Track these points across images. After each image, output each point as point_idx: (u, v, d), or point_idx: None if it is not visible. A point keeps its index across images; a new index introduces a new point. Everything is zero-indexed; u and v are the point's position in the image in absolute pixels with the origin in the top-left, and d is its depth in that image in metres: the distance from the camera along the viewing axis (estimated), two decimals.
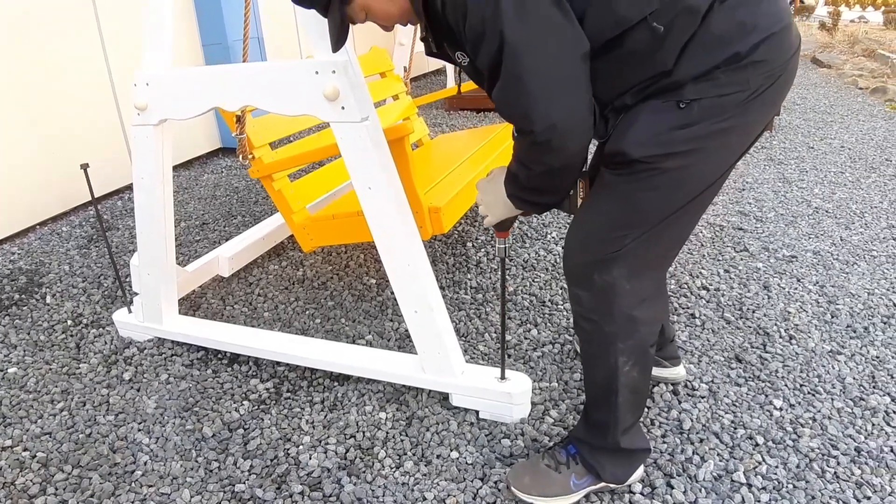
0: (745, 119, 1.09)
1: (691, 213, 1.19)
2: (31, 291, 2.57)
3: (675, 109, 1.06)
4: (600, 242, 1.18)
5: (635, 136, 1.08)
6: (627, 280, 1.18)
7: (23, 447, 1.69)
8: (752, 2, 1.04)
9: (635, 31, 1.03)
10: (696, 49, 1.03)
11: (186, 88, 1.68)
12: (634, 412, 1.32)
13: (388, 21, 1.19)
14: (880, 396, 1.71)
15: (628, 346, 1.23)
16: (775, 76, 1.07)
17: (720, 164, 1.14)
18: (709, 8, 1.02)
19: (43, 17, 3.23)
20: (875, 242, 2.69)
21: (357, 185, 1.51)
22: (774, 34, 1.04)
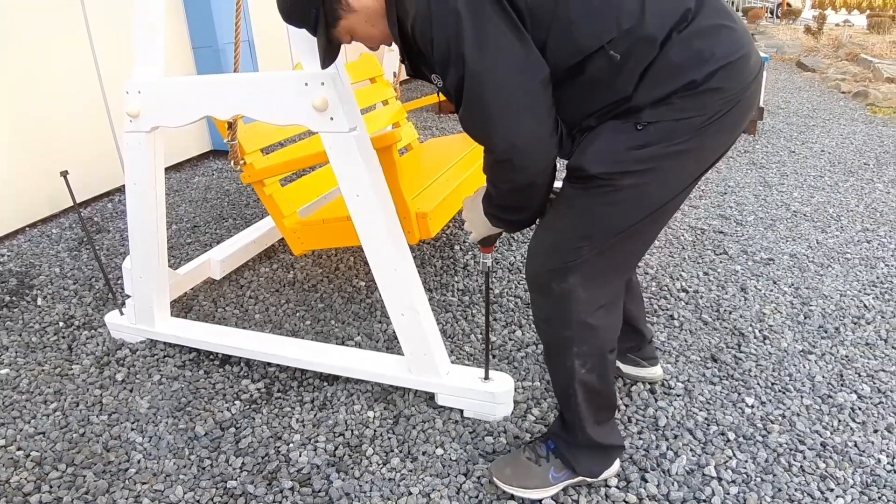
0: (701, 143, 1.14)
1: (646, 230, 1.25)
2: (21, 293, 2.60)
3: (632, 130, 1.12)
4: (558, 252, 1.24)
5: (594, 154, 1.15)
6: (583, 288, 1.24)
7: (16, 447, 1.73)
8: (710, 32, 1.09)
9: (594, 58, 1.09)
10: (654, 76, 1.09)
11: (179, 97, 1.73)
12: (599, 411, 1.38)
13: (371, 42, 1.25)
14: (847, 394, 1.79)
15: (584, 350, 1.29)
16: (733, 102, 1.12)
17: (675, 185, 1.20)
18: (667, 37, 1.07)
19: (31, 20, 3.25)
20: (849, 245, 2.78)
21: (345, 193, 1.56)
22: (731, 63, 1.09)
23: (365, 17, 1.19)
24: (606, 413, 1.40)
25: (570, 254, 1.22)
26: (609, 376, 1.36)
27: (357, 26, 1.21)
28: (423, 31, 1.08)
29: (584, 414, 1.35)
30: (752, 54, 1.14)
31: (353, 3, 1.18)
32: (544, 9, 1.06)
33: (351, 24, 1.21)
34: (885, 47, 9.22)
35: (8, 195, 3.19)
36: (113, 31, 3.66)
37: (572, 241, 1.22)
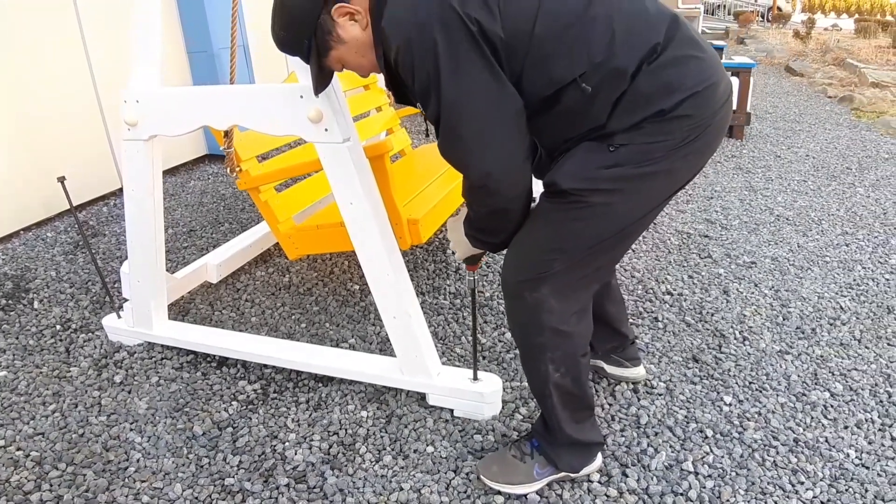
0: (671, 165, 1.21)
1: (616, 245, 1.32)
2: (17, 297, 2.64)
3: (605, 151, 1.19)
4: (531, 263, 1.31)
5: (567, 170, 1.22)
6: (555, 298, 1.31)
7: (16, 447, 1.77)
8: (679, 62, 1.16)
9: (567, 90, 1.16)
10: (625, 106, 1.16)
11: (177, 107, 1.78)
12: (576, 411, 1.45)
13: (361, 71, 1.32)
14: (820, 392, 1.87)
15: (557, 356, 1.36)
16: (702, 128, 1.19)
17: (644, 205, 1.26)
18: (637, 69, 1.14)
19: (25, 23, 3.29)
20: (829, 248, 2.87)
21: (339, 200, 1.63)
22: (699, 92, 1.16)
23: (354, 49, 1.26)
24: (584, 412, 1.47)
25: (542, 266, 1.29)
26: (582, 378, 1.42)
27: (347, 56, 1.28)
28: (405, 65, 1.15)
29: (561, 415, 1.42)
30: (721, 82, 1.20)
31: (342, 34, 1.24)
32: (519, 44, 1.13)
33: (341, 54, 1.27)
34: (871, 52, 9.37)
35: (2, 198, 3.22)
36: (107, 35, 3.70)
37: (545, 254, 1.28)
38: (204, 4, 4.19)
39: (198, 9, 4.22)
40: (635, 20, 1.16)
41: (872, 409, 1.79)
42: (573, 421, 1.44)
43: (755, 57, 10.26)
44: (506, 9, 1.11)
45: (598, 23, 1.14)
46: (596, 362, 1.88)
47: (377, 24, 1.18)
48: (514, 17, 1.11)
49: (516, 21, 1.12)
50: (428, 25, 1.10)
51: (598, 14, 1.14)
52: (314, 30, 1.23)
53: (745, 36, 13.40)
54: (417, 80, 1.14)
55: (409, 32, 1.12)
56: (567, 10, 1.14)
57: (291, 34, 1.26)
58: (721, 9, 20.10)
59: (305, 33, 1.23)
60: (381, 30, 1.16)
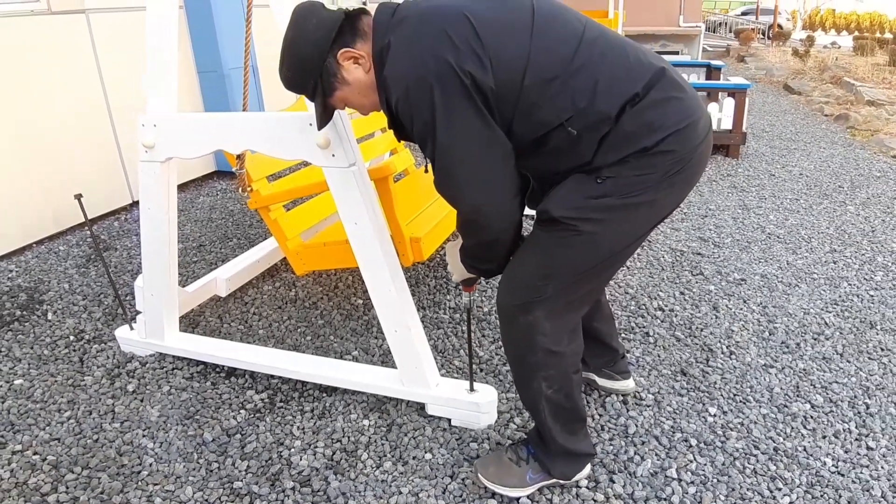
0: (655, 197, 1.30)
1: (604, 271, 1.42)
2: (32, 308, 2.74)
3: (593, 182, 1.30)
4: (525, 288, 1.41)
5: (558, 200, 1.33)
6: (547, 321, 1.41)
7: (33, 451, 1.86)
8: (660, 104, 1.26)
9: (554, 133, 1.27)
10: (610, 144, 1.27)
11: (193, 132, 1.90)
12: (568, 423, 1.54)
13: (363, 110, 1.44)
14: (802, 404, 1.95)
15: (550, 374, 1.46)
16: (684, 162, 1.29)
17: (629, 234, 1.37)
18: (620, 111, 1.25)
19: (39, 41, 3.41)
20: (817, 266, 2.96)
21: (345, 220, 1.73)
22: (679, 130, 1.26)
23: (357, 90, 1.37)
24: (576, 424, 1.56)
25: (535, 290, 1.39)
26: (574, 394, 1.52)
27: (350, 96, 1.39)
28: (405, 112, 1.27)
29: (553, 427, 1.52)
30: (701, 119, 1.30)
31: (347, 77, 1.35)
32: (509, 93, 1.24)
33: (345, 95, 1.38)
34: (868, 70, 9.49)
35: (15, 212, 3.33)
36: (120, 55, 3.83)
37: (538, 279, 1.39)
38: (214, 25, 4.32)
39: (208, 29, 4.34)
40: (617, 69, 1.26)
41: (850, 420, 1.88)
42: (566, 432, 1.54)
43: (755, 75, 10.42)
44: (497, 63, 1.22)
45: (582, 72, 1.24)
46: (588, 375, 1.97)
47: (380, 70, 1.29)
48: (504, 70, 1.22)
49: (507, 73, 1.23)
50: (426, 78, 1.21)
51: (583, 64, 1.25)
52: (320, 72, 1.33)
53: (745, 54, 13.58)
54: (416, 126, 1.26)
55: (408, 84, 1.24)
56: (554, 63, 1.24)
57: (299, 75, 1.36)
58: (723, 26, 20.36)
59: (312, 75, 1.34)
60: (383, 79, 1.27)
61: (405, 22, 1.27)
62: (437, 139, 1.24)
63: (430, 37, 1.23)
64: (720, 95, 5.08)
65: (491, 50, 1.21)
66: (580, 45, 1.26)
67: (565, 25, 1.28)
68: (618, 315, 2.52)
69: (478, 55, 1.21)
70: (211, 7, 4.28)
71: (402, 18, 1.27)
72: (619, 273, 2.89)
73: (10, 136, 3.28)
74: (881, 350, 2.26)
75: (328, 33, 1.30)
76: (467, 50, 1.20)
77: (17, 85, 3.29)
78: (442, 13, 1.25)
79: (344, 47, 1.31)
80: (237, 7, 4.50)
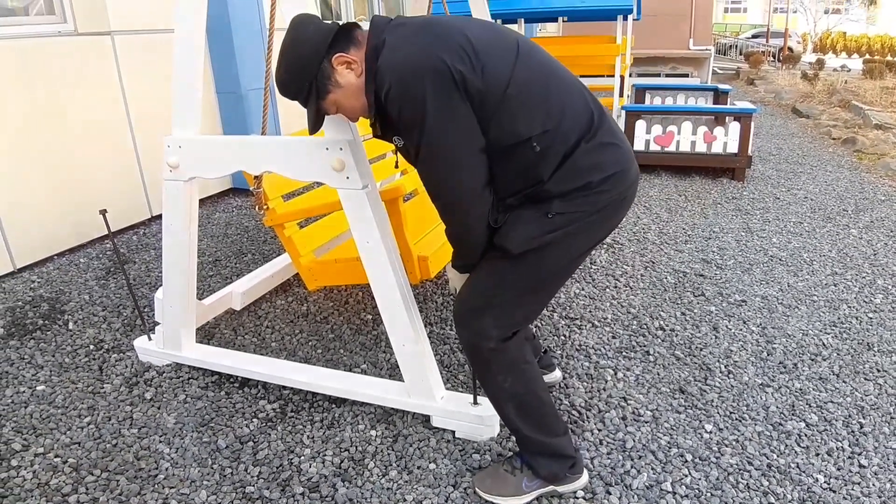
0: (589, 228, 1.49)
1: (547, 287, 1.60)
2: (53, 318, 2.85)
3: (544, 218, 1.45)
4: (480, 297, 1.57)
5: (516, 238, 1.47)
6: (495, 328, 1.56)
7: (54, 454, 1.95)
8: (605, 148, 1.45)
9: (522, 146, 1.41)
10: (564, 173, 1.43)
11: (216, 153, 2.01)
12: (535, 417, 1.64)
13: (352, 114, 1.55)
14: (796, 422, 2.01)
15: (501, 367, 1.61)
16: (617, 200, 1.49)
17: (568, 256, 1.54)
18: (576, 144, 1.42)
19: (65, 60, 3.56)
20: (817, 288, 3.01)
21: (357, 239, 1.83)
22: (616, 173, 1.46)
23: (349, 93, 1.47)
24: (544, 418, 1.65)
25: (488, 299, 1.56)
26: (532, 385, 1.64)
27: (342, 99, 1.50)
28: (394, 100, 1.37)
29: (523, 425, 1.63)
30: (631, 168, 1.51)
31: (340, 80, 1.46)
32: (492, 98, 1.37)
33: (337, 98, 1.49)
34: (877, 93, 9.54)
35: (39, 225, 3.46)
36: (142, 75, 3.99)
37: (488, 291, 1.56)
38: (234, 47, 4.48)
39: (227, 51, 4.49)
40: (577, 103, 1.45)
41: (844, 439, 1.93)
42: (536, 427, 1.63)
43: (764, 98, 10.50)
44: (485, 71, 1.36)
45: (554, 98, 1.42)
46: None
47: (371, 67, 1.40)
48: (490, 78, 1.36)
49: (492, 81, 1.36)
50: (420, 70, 1.33)
51: (555, 92, 1.43)
52: (315, 74, 1.45)
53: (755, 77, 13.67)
54: (404, 115, 1.38)
55: (403, 73, 1.35)
56: (531, 83, 1.40)
57: (296, 77, 1.47)
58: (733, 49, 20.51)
59: (307, 77, 1.45)
60: (376, 70, 1.38)
61: (404, 26, 1.41)
62: (425, 125, 1.36)
63: (429, 37, 1.37)
64: (727, 119, 5.17)
65: (482, 60, 1.35)
66: (552, 75, 1.45)
67: (541, 59, 1.45)
68: (619, 334, 2.59)
69: (470, 60, 1.34)
70: (231, 29, 4.44)
71: (400, 24, 1.41)
72: (623, 293, 2.96)
73: (36, 151, 3.42)
74: (877, 371, 2.31)
75: (324, 39, 1.43)
76: (461, 54, 1.34)
77: (44, 103, 3.45)
78: (442, 25, 1.40)
79: (338, 52, 1.43)
80: (256, 29, 4.67)
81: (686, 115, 5.31)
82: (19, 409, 2.17)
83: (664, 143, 5.30)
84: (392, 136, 1.47)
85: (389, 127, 1.46)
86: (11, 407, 2.18)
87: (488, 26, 1.46)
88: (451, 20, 1.43)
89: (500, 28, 1.50)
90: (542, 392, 1.66)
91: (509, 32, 1.48)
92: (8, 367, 2.43)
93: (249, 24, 4.60)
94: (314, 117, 1.53)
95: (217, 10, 4.31)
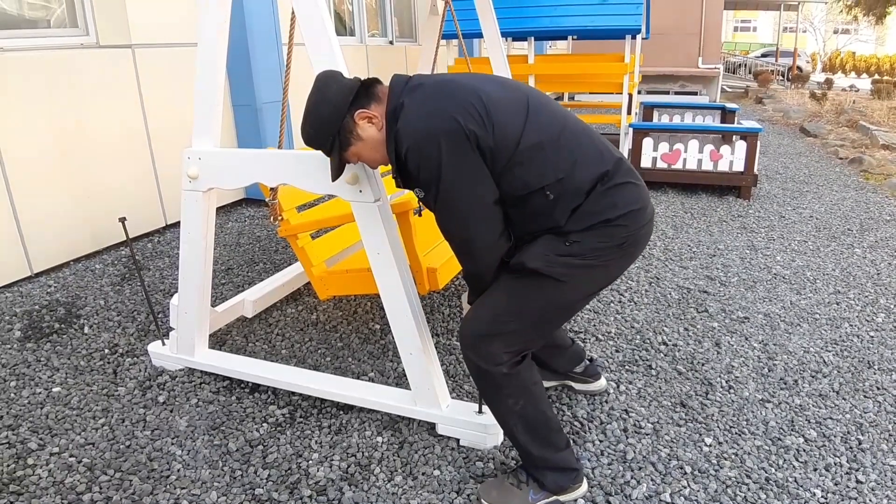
0: (606, 262, 1.55)
1: (559, 317, 1.67)
2: (69, 322, 2.91)
3: (562, 243, 1.52)
4: (491, 322, 1.60)
5: (532, 254, 1.54)
6: (504, 353, 1.60)
7: (69, 454, 2.00)
8: (622, 187, 1.52)
9: (535, 195, 1.49)
10: (580, 215, 1.51)
11: (234, 165, 2.09)
12: (542, 434, 1.67)
13: (373, 164, 1.67)
14: (795, 437, 2.04)
15: (512, 391, 1.64)
16: (633, 237, 1.55)
17: (584, 290, 1.60)
18: (592, 188, 1.49)
19: (88, 75, 3.66)
20: (820, 306, 3.05)
21: (368, 250, 1.89)
22: (633, 210, 1.53)
23: (371, 145, 1.58)
24: (551, 435, 1.69)
25: (499, 325, 1.59)
26: (540, 405, 1.68)
27: (363, 151, 1.60)
28: (413, 161, 1.47)
29: (531, 443, 1.67)
30: (648, 206, 1.58)
31: (361, 134, 1.57)
32: (504, 151, 1.47)
33: (358, 150, 1.60)
34: (885, 113, 9.57)
35: (56, 231, 3.54)
36: (161, 87, 4.09)
37: (503, 316, 1.59)
38: (250, 61, 4.59)
39: (244, 65, 4.59)
40: (590, 152, 1.53)
41: (842, 455, 1.96)
42: (543, 445, 1.68)
43: (772, 117, 10.55)
44: (497, 129, 1.45)
45: (565, 149, 1.50)
46: (564, 382, 2.22)
47: (391, 126, 1.51)
48: (502, 135, 1.45)
49: (504, 138, 1.46)
50: (435, 133, 1.44)
51: (566, 143, 1.51)
52: (339, 129, 1.56)
53: (764, 95, 13.73)
54: (422, 173, 1.48)
55: (420, 137, 1.46)
56: (543, 137, 1.49)
57: (321, 133, 1.58)
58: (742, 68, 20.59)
59: (331, 132, 1.56)
60: (396, 131, 1.48)
61: (421, 88, 1.50)
62: (441, 184, 1.46)
63: (443, 99, 1.46)
64: (733, 138, 5.23)
65: (493, 118, 1.44)
66: (563, 128, 1.51)
67: (551, 112, 1.54)
68: (622, 348, 2.63)
69: (482, 119, 1.43)
70: (248, 44, 4.55)
71: (417, 85, 1.51)
72: (627, 308, 3.01)
73: (56, 158, 3.51)
74: (877, 389, 2.34)
75: (347, 97, 1.54)
76: (474, 114, 1.43)
77: (65, 112, 3.54)
78: (455, 84, 1.49)
79: (360, 108, 1.54)
80: (272, 44, 4.79)
81: (693, 133, 5.37)
82: (35, 409, 2.23)
83: (671, 161, 5.36)
84: (413, 187, 1.58)
85: (410, 181, 1.56)
86: (28, 407, 2.24)
87: (500, 83, 1.56)
88: (464, 79, 1.53)
89: (512, 84, 1.58)
90: (549, 410, 1.71)
91: (521, 88, 1.57)
92: (25, 368, 2.50)
93: (266, 38, 4.71)
94: (336, 167, 1.63)
95: (235, 24, 4.37)
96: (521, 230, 1.57)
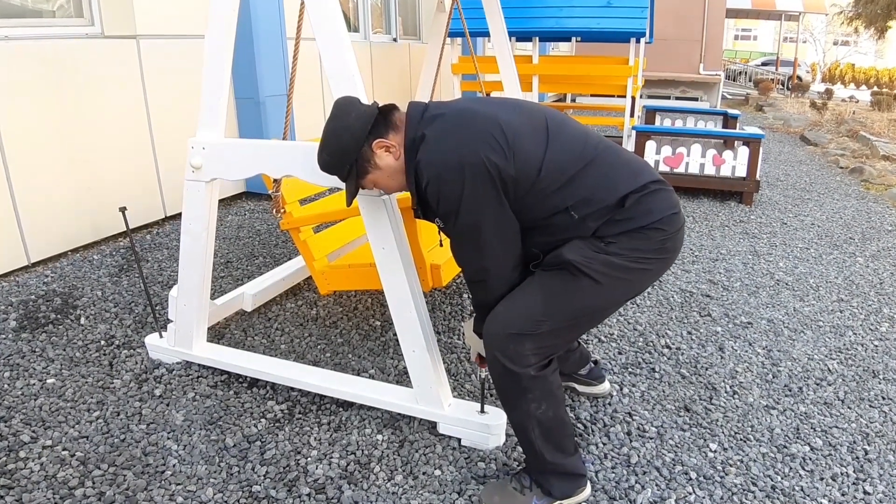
0: (645, 266, 1.53)
1: (593, 319, 1.65)
2: (66, 312, 2.87)
3: (599, 242, 1.52)
4: (523, 321, 1.54)
5: (569, 247, 1.51)
6: (535, 354, 1.56)
7: (62, 447, 1.96)
8: (656, 193, 1.52)
9: (559, 215, 1.49)
10: (611, 223, 1.49)
11: (238, 156, 2.05)
12: (557, 440, 1.64)
13: (389, 190, 1.67)
14: (801, 445, 2.01)
15: (537, 395, 1.60)
16: (670, 240, 1.54)
17: (623, 292, 1.58)
18: (623, 198, 1.48)
19: (92, 65, 3.62)
20: (823, 314, 3.03)
21: (373, 244, 1.86)
22: (667, 215, 1.53)
23: (387, 174, 1.57)
24: (565, 440, 1.66)
25: (532, 325, 1.54)
26: (560, 410, 1.65)
27: (380, 179, 1.59)
28: (433, 193, 1.47)
29: (545, 447, 1.63)
30: (680, 211, 1.58)
31: (379, 162, 1.55)
32: (526, 179, 1.46)
33: (375, 178, 1.59)
34: (884, 125, 9.59)
35: (55, 220, 3.49)
36: (165, 79, 4.06)
37: (537, 315, 1.54)
38: (254, 54, 4.55)
39: (248, 58, 4.54)
40: (616, 167, 1.53)
41: (849, 465, 1.94)
42: (556, 450, 1.64)
43: (772, 125, 10.56)
44: (518, 157, 1.44)
45: (589, 168, 1.49)
46: (567, 384, 2.18)
47: (410, 157, 1.49)
48: (523, 163, 1.45)
49: (525, 165, 1.45)
50: (458, 167, 1.42)
51: (589, 163, 1.50)
52: (356, 158, 1.54)
53: (764, 103, 13.76)
54: (442, 206, 1.47)
55: (440, 171, 1.44)
56: (564, 160, 1.48)
57: (338, 161, 1.57)
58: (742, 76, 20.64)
59: (349, 160, 1.55)
60: (416, 163, 1.47)
61: (441, 119, 1.48)
62: (459, 217, 1.46)
63: (464, 131, 1.45)
64: (736, 143, 5.22)
65: (514, 147, 1.43)
66: (585, 147, 1.50)
67: (572, 132, 1.53)
68: (625, 350, 2.60)
69: (503, 150, 1.42)
70: (252, 37, 4.52)
71: (436, 115, 1.50)
72: (629, 310, 2.98)
73: (57, 148, 3.47)
74: (882, 399, 2.32)
75: (365, 126, 1.52)
76: (494, 145, 1.42)
77: (68, 102, 3.50)
78: (475, 113, 1.48)
79: (378, 138, 1.52)
80: (277, 37, 4.75)
81: (696, 137, 5.36)
82: (29, 401, 2.19)
83: (673, 165, 5.35)
84: (433, 218, 1.56)
85: (430, 212, 1.55)
86: (21, 399, 2.20)
87: (517, 109, 1.54)
88: (482, 108, 1.51)
89: (528, 107, 1.57)
90: (566, 415, 1.68)
91: (538, 111, 1.56)
92: (19, 359, 2.46)
93: (271, 31, 4.68)
94: (352, 193, 1.61)
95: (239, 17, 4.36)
96: (546, 245, 1.55)
